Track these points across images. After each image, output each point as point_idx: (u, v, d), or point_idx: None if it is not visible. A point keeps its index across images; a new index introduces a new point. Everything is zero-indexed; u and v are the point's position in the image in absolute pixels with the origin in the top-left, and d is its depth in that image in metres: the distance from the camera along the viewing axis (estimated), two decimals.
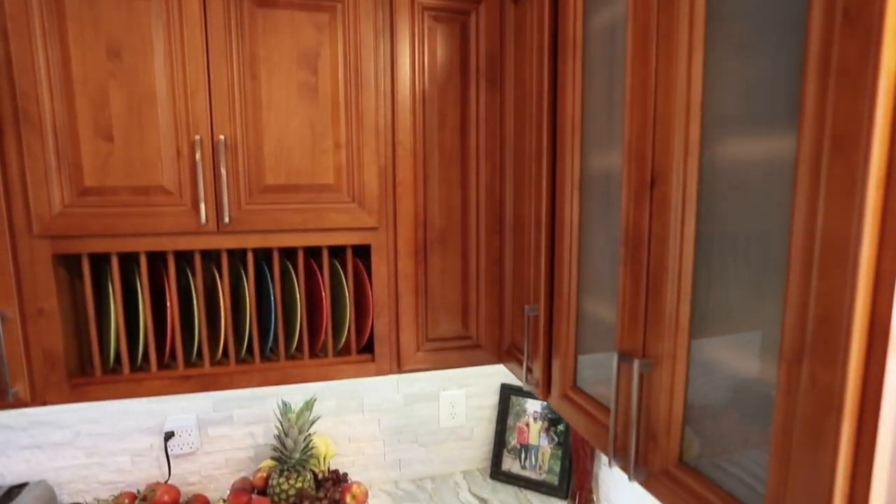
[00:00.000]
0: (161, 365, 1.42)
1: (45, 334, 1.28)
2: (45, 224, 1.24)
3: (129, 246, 1.30)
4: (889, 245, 0.52)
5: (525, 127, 1.33)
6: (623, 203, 0.92)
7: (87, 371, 1.42)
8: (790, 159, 0.62)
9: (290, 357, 1.50)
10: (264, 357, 1.49)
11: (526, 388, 1.34)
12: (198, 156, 1.26)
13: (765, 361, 0.68)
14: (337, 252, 1.70)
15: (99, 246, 1.28)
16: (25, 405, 1.28)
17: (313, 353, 1.53)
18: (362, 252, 1.67)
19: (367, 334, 1.52)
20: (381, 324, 1.49)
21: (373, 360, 1.51)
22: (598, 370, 1.09)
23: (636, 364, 0.86)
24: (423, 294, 1.51)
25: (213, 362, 1.43)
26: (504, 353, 1.58)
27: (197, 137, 1.26)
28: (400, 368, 1.53)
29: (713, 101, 0.74)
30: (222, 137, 1.28)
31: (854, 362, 0.54)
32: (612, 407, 0.94)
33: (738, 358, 0.73)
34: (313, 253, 1.66)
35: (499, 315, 1.58)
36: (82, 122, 1.23)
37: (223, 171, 1.28)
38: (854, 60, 0.53)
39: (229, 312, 1.40)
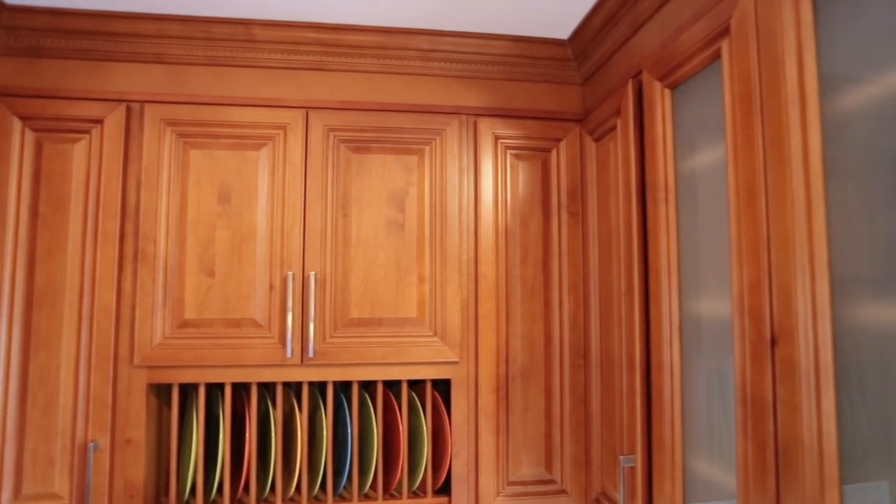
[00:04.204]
0: (234, 500, 1.38)
1: (129, 465, 1.29)
2: (145, 354, 1.30)
3: (217, 377, 1.33)
4: None
5: (611, 261, 1.30)
6: (736, 359, 0.84)
7: (161, 503, 1.40)
8: None
9: (363, 496, 1.41)
10: (336, 495, 1.42)
11: None
12: (289, 290, 1.31)
13: None
14: (414, 383, 1.66)
15: (190, 376, 1.32)
16: None
17: (387, 492, 1.44)
18: (440, 383, 1.62)
19: (445, 474, 1.43)
20: (458, 463, 1.40)
21: (449, 503, 1.40)
22: None
23: None
24: (504, 433, 1.41)
25: (286, 498, 1.38)
26: (592, 502, 1.42)
27: (290, 273, 1.32)
28: None
29: (843, 259, 0.68)
30: (313, 273, 1.33)
31: None
32: None
33: None
34: (390, 383, 1.63)
35: (586, 458, 1.45)
36: (189, 260, 1.33)
37: (311, 305, 1.32)
38: None
39: (306, 447, 1.37)
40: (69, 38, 1.32)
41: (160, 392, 1.41)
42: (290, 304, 1.32)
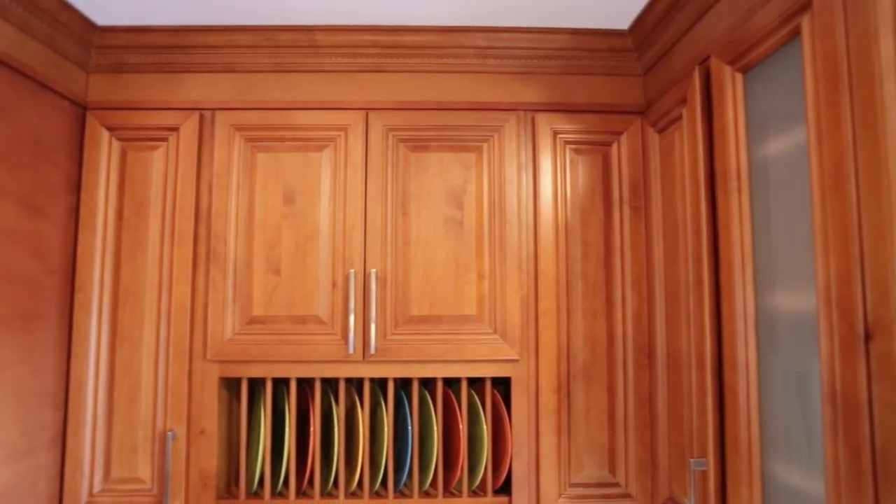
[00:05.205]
0: (299, 492, 1.42)
1: (203, 454, 1.36)
2: (217, 350, 1.37)
3: (283, 372, 1.37)
4: None
5: (678, 256, 1.25)
6: (823, 355, 0.78)
7: (231, 493, 1.46)
8: None
9: (424, 493, 1.42)
10: (397, 491, 1.43)
11: None
12: (351, 288, 1.34)
13: None
14: (473, 382, 1.65)
15: (258, 371, 1.37)
16: None
17: (447, 490, 1.44)
18: (499, 382, 1.61)
19: (505, 473, 1.41)
20: (519, 463, 1.38)
21: (510, 503, 1.38)
22: None
23: None
24: (565, 433, 1.38)
25: (348, 493, 1.41)
26: None
27: (352, 271, 1.35)
28: None
29: None
30: (374, 271, 1.36)
31: None
32: None
33: None
34: (449, 381, 1.63)
35: (651, 461, 1.39)
36: (257, 259, 1.38)
37: (373, 303, 1.34)
38: None
39: (367, 442, 1.39)
40: (148, 53, 1.41)
41: (230, 385, 1.47)
42: (352, 301, 1.35)
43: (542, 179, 1.41)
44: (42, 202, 1.27)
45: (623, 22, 1.39)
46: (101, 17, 1.35)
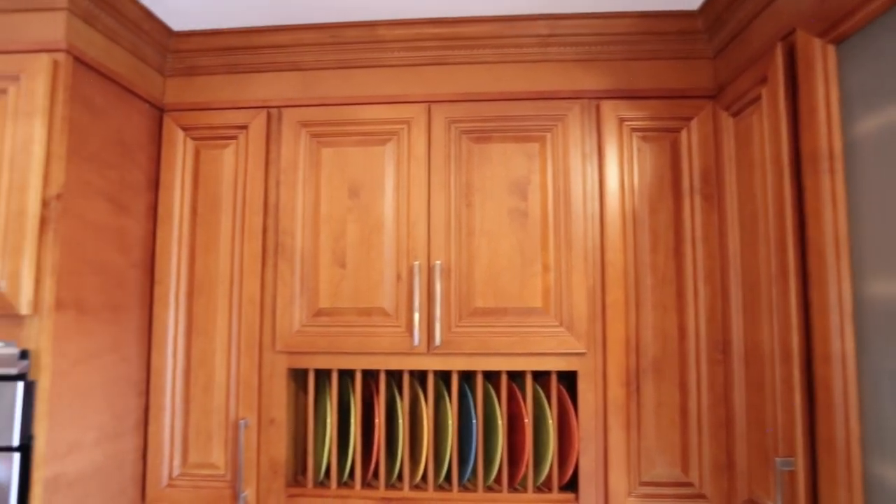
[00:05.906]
0: (364, 483, 1.44)
1: (272, 443, 1.40)
2: (286, 341, 1.40)
3: (348, 363, 1.39)
4: None
5: (757, 245, 1.19)
6: None
7: (299, 482, 1.49)
8: None
9: (487, 488, 1.41)
10: (461, 485, 1.43)
11: None
12: (416, 280, 1.35)
13: None
14: (538, 375, 1.63)
15: (324, 362, 1.40)
16: None
17: (511, 486, 1.42)
18: (564, 377, 1.58)
19: (571, 469, 1.38)
20: (586, 459, 1.35)
21: (576, 500, 1.35)
22: None
23: None
24: (635, 429, 1.34)
25: (412, 485, 1.41)
26: None
27: (416, 263, 1.36)
28: None
29: None
30: (438, 262, 1.36)
31: None
32: None
33: None
34: (513, 375, 1.61)
35: (728, 461, 1.33)
36: (323, 253, 1.41)
37: (437, 295, 1.34)
38: None
39: (432, 435, 1.39)
40: (219, 55, 1.47)
41: (297, 376, 1.51)
42: (416, 293, 1.35)
43: (608, 168, 1.37)
44: (126, 199, 1.34)
45: (692, 2, 1.33)
46: (175, 23, 1.41)
